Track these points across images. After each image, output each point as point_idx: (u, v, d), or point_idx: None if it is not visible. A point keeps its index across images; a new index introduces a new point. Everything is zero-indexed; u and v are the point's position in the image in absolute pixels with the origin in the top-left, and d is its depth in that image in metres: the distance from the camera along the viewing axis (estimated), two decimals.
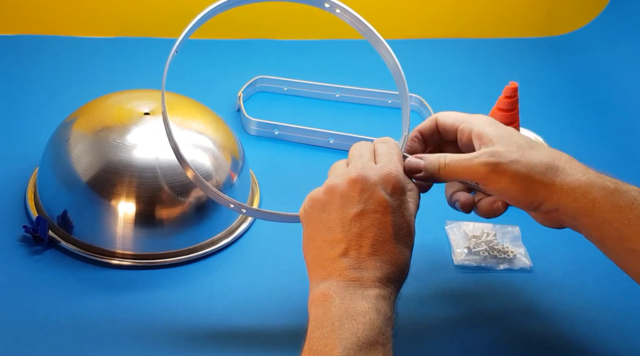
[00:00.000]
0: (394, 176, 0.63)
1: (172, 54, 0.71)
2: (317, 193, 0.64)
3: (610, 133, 1.08)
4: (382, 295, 0.59)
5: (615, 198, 0.62)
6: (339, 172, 0.65)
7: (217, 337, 0.72)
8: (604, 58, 1.23)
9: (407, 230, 0.63)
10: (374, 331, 0.56)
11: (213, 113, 0.88)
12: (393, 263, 0.61)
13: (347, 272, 0.59)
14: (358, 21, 0.77)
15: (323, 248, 0.61)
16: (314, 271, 0.61)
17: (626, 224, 0.62)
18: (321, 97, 1.10)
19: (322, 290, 0.59)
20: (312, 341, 0.56)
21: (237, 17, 1.19)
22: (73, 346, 0.69)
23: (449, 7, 1.30)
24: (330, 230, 0.61)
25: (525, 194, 0.65)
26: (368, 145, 0.67)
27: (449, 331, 0.75)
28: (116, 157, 0.78)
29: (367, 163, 0.64)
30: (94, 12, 1.19)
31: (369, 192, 0.62)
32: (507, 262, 0.84)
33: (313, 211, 0.63)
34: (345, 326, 0.56)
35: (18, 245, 0.79)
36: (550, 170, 0.64)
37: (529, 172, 0.64)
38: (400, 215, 0.62)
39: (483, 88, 1.15)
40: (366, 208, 0.61)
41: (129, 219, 0.77)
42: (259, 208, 0.74)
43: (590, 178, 0.64)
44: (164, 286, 0.77)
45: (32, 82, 1.05)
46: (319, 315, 0.58)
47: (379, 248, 0.60)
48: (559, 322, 0.77)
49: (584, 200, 0.63)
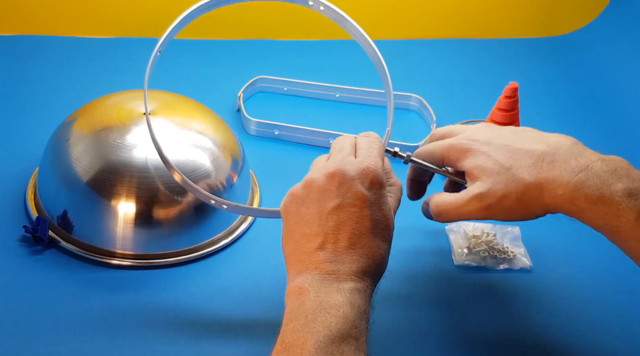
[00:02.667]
0: (372, 170, 0.63)
1: (154, 54, 0.71)
2: (296, 188, 0.64)
3: (610, 133, 1.08)
4: (358, 289, 0.59)
5: (598, 208, 0.61)
6: (318, 166, 0.65)
7: (217, 337, 0.72)
8: (604, 58, 1.23)
9: (385, 224, 0.63)
10: (347, 325, 0.56)
11: (213, 113, 0.88)
12: (370, 257, 0.61)
13: (323, 265, 0.60)
14: (342, 18, 0.76)
15: (300, 241, 0.62)
16: (292, 264, 0.62)
17: (614, 230, 0.62)
18: (321, 97, 1.10)
19: (298, 283, 0.60)
20: (285, 334, 0.57)
21: (237, 17, 1.19)
22: (73, 346, 0.69)
23: (449, 7, 1.30)
24: (308, 223, 0.62)
25: (524, 216, 0.66)
26: (349, 139, 0.68)
27: (449, 331, 0.75)
28: (116, 157, 0.78)
29: (347, 157, 0.64)
30: (94, 12, 1.19)
31: (346, 186, 0.62)
32: (507, 262, 0.84)
33: (292, 205, 0.64)
34: (318, 319, 0.56)
35: (18, 245, 0.79)
36: (536, 188, 0.64)
37: (520, 198, 0.64)
38: (378, 209, 0.62)
39: (483, 88, 1.15)
40: (343, 202, 0.61)
41: (129, 219, 0.77)
42: (239, 204, 0.74)
43: (576, 185, 0.62)
44: (164, 286, 0.77)
45: (32, 82, 1.05)
46: (293, 308, 0.58)
47: (356, 241, 0.61)
48: (559, 322, 0.77)
49: (574, 208, 0.63)
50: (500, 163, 0.66)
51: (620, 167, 0.63)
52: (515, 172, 0.65)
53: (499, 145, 0.67)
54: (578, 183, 0.62)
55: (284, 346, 0.56)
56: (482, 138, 0.68)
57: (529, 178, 0.64)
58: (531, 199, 0.64)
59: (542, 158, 0.65)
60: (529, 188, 0.64)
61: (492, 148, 0.67)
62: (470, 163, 0.67)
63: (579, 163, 0.63)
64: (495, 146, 0.67)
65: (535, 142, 0.66)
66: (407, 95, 1.09)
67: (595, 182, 0.62)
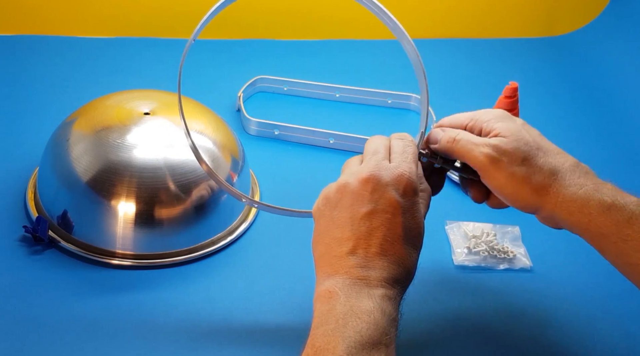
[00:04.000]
0: (407, 177, 0.62)
1: (189, 42, 0.71)
2: (330, 191, 0.64)
3: (610, 133, 1.08)
4: (388, 296, 0.58)
5: (612, 214, 0.61)
6: (352, 170, 0.64)
7: (217, 337, 0.72)
8: (604, 58, 1.23)
9: (417, 231, 0.62)
10: (378, 331, 0.56)
11: (213, 113, 0.88)
12: (400, 264, 0.60)
13: (354, 270, 0.59)
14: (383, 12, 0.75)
15: (331, 245, 0.61)
16: (321, 267, 0.61)
17: (624, 239, 0.61)
18: (321, 97, 1.10)
19: (328, 287, 0.59)
20: (316, 337, 0.56)
21: (237, 17, 1.19)
22: (73, 346, 0.69)
23: (449, 7, 1.30)
24: (340, 227, 0.61)
25: (518, 197, 0.65)
26: (383, 141, 0.67)
27: (448, 332, 0.75)
28: (116, 157, 0.78)
29: (381, 162, 0.63)
30: (94, 12, 1.19)
31: (380, 192, 0.61)
32: (507, 261, 0.84)
33: (325, 208, 0.63)
34: (349, 324, 0.56)
35: (18, 245, 0.79)
36: (549, 178, 0.64)
37: (526, 176, 0.64)
38: (411, 217, 0.62)
39: (483, 88, 1.15)
40: (377, 208, 0.61)
41: (129, 219, 0.77)
42: (270, 204, 0.73)
43: (588, 191, 0.63)
44: (164, 286, 0.77)
45: (32, 82, 1.05)
46: (323, 312, 0.58)
47: (388, 248, 0.60)
48: (559, 322, 0.77)
49: (579, 215, 0.62)
50: (533, 137, 0.66)
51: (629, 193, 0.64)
52: (539, 153, 0.65)
53: (535, 132, 0.68)
54: (591, 190, 0.62)
55: (314, 350, 0.55)
56: (520, 120, 0.68)
57: (548, 166, 0.64)
58: (536, 185, 0.64)
59: (562, 162, 0.65)
60: (544, 172, 0.64)
61: (528, 128, 0.67)
62: (504, 125, 0.67)
63: (595, 179, 0.64)
64: (530, 128, 0.68)
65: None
66: (407, 95, 1.09)
67: (610, 189, 0.63)
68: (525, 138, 0.66)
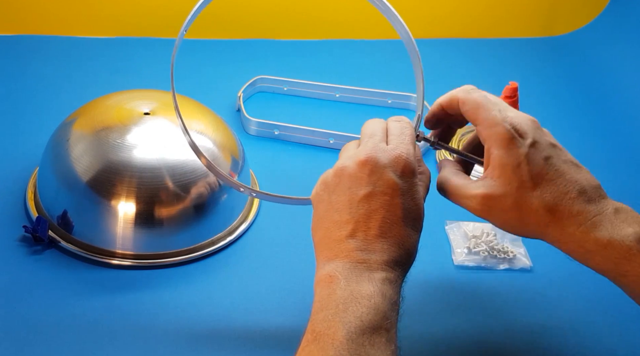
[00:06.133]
0: (405, 158, 0.62)
1: (180, 33, 0.70)
2: (328, 175, 0.63)
3: (610, 133, 1.08)
4: (389, 279, 0.58)
5: (609, 252, 0.59)
6: (349, 153, 0.64)
7: (217, 337, 0.72)
8: (604, 58, 1.23)
9: (417, 213, 0.62)
10: (379, 316, 0.55)
11: (213, 113, 0.88)
12: (401, 246, 0.60)
13: (354, 254, 0.59)
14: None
15: (330, 229, 0.61)
16: (321, 252, 0.61)
17: (622, 274, 0.60)
18: (321, 97, 1.10)
19: (328, 271, 0.58)
20: (316, 323, 0.56)
21: (237, 17, 1.19)
22: (73, 346, 0.69)
23: (449, 7, 1.30)
24: (339, 211, 0.61)
25: (517, 234, 0.64)
26: (381, 124, 0.66)
27: (449, 332, 0.75)
28: (116, 157, 0.78)
29: (378, 144, 0.63)
30: (94, 12, 1.19)
31: (378, 173, 0.61)
32: (507, 261, 0.84)
33: (323, 193, 0.63)
34: (349, 309, 0.55)
35: (18, 245, 0.79)
36: (545, 218, 0.61)
37: (519, 219, 0.62)
38: (410, 198, 0.61)
39: (483, 88, 1.14)
40: (375, 190, 0.60)
41: (129, 219, 0.77)
42: (268, 193, 0.73)
43: (585, 230, 0.60)
44: (164, 286, 0.77)
45: (32, 82, 1.05)
46: (323, 297, 0.57)
47: (387, 230, 0.60)
48: (559, 322, 0.77)
49: (577, 252, 0.61)
50: (534, 164, 0.61)
51: (631, 215, 0.61)
52: (536, 189, 0.61)
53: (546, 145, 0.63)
54: (593, 226, 0.60)
55: (314, 336, 0.55)
56: (530, 138, 0.63)
57: (544, 204, 0.61)
58: (532, 226, 0.62)
59: (563, 195, 0.61)
60: (540, 213, 0.61)
61: (538, 145, 0.62)
62: (499, 156, 0.62)
63: (596, 208, 0.61)
64: (539, 147, 0.62)
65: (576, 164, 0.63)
66: (407, 95, 1.09)
67: (607, 226, 0.60)
68: (519, 174, 0.61)
